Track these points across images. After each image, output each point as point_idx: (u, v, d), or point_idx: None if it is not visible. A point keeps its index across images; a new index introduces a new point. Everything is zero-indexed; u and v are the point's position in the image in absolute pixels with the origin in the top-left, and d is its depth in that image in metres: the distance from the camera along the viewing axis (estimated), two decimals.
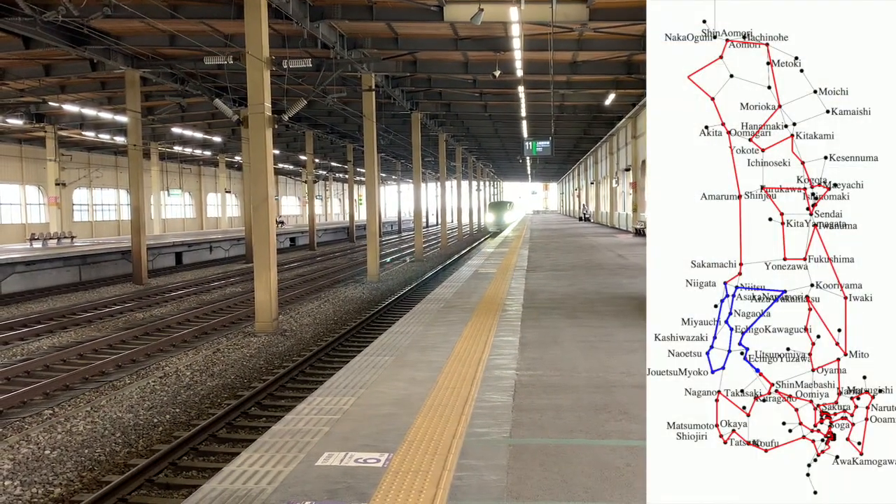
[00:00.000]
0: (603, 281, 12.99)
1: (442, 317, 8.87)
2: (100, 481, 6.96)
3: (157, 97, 27.85)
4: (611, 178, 44.69)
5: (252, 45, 13.58)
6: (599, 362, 6.43)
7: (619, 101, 29.08)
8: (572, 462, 3.99)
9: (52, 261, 23.09)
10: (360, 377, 5.88)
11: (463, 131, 41.99)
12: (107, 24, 16.78)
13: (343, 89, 23.24)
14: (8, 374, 10.96)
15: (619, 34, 18.56)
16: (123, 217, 46.78)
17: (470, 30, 18.29)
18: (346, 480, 3.71)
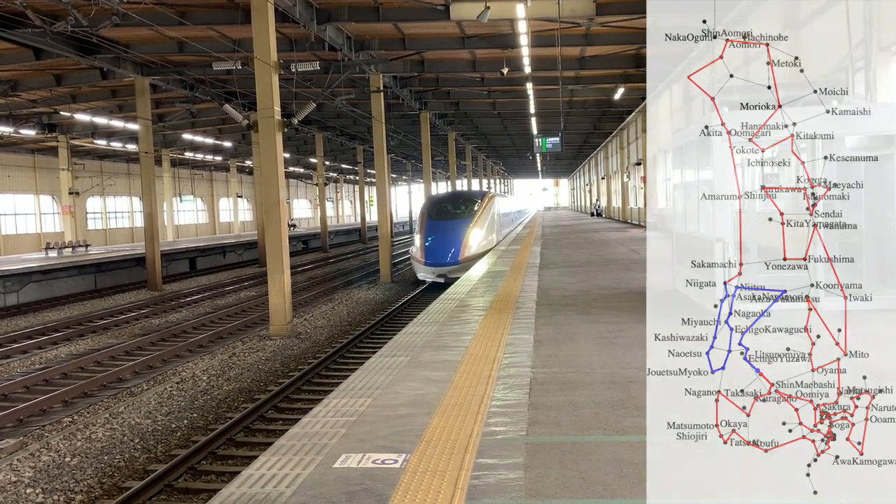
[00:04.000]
0: (616, 276, 12.93)
1: (456, 316, 8.86)
2: (120, 487, 7.01)
3: (167, 104, 28.02)
4: (622, 172, 44.53)
5: (260, 50, 13.62)
6: (615, 358, 6.39)
7: (628, 96, 28.95)
8: (590, 459, 3.97)
9: (68, 269, 23.27)
10: (376, 378, 5.88)
11: (472, 129, 41.95)
12: (116, 32, 16.89)
13: (351, 91, 23.27)
14: (27, 383, 11.06)
15: (626, 28, 18.47)
16: (137, 224, 47.07)
17: (477, 28, 18.27)
18: (364, 482, 3.71)
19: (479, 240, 21.33)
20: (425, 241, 20.89)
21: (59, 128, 30.72)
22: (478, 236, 21.43)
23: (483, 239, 21.58)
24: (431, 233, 21.22)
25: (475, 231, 21.37)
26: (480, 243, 21.21)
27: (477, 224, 21.53)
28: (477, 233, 21.39)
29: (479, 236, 21.44)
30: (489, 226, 22.69)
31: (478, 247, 20.92)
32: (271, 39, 13.70)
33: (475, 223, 21.50)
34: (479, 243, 21.14)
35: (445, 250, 20.57)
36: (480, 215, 21.98)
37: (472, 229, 21.24)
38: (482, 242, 21.44)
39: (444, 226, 21.64)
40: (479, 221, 21.70)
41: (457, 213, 22.37)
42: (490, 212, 23.02)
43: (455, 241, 20.78)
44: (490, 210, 23.16)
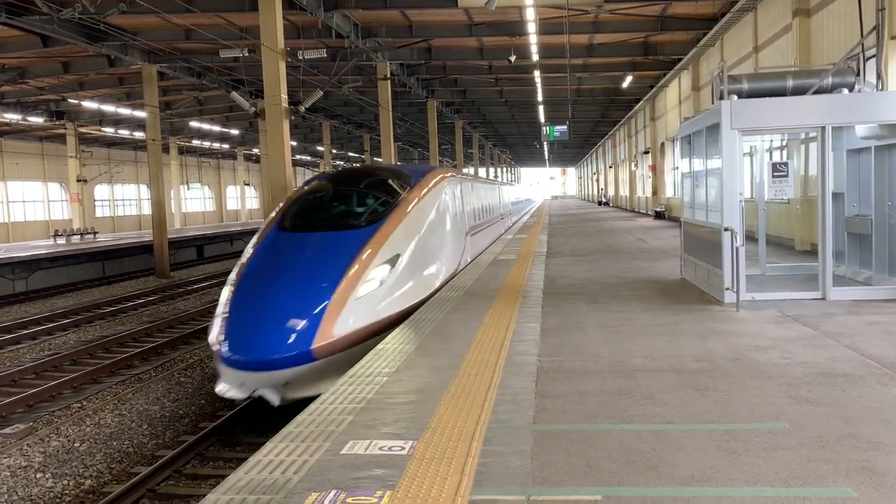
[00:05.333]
0: (624, 265, 12.91)
1: (462, 304, 8.86)
2: (129, 472, 7.06)
3: (174, 91, 28.03)
4: (629, 160, 44.34)
5: (267, 37, 13.60)
6: (622, 347, 6.39)
7: (636, 84, 28.81)
8: (597, 447, 3.97)
9: (76, 256, 23.39)
10: (383, 365, 5.90)
11: (479, 118, 41.83)
12: (123, 20, 16.90)
13: (358, 79, 23.23)
14: (36, 369, 11.14)
15: (635, 15, 18.36)
16: (144, 212, 47.26)
17: (484, 15, 18.18)
18: (371, 468, 3.73)
19: (396, 284, 8.70)
20: (243, 300, 7.95)
21: (66, 115, 30.80)
22: (391, 275, 8.65)
23: (410, 278, 9.03)
24: (266, 273, 8.37)
25: (381, 261, 8.64)
26: (397, 292, 8.67)
27: (391, 241, 8.98)
28: (387, 267, 8.63)
29: (395, 276, 8.68)
30: (434, 243, 10.57)
31: (389, 302, 8.44)
32: (278, 27, 13.68)
33: (384, 240, 8.91)
34: (391, 293, 8.55)
35: (283, 323, 7.47)
36: (406, 220, 9.60)
37: (375, 257, 8.60)
38: (404, 288, 8.87)
39: (300, 252, 8.73)
40: (400, 234, 9.27)
41: (345, 219, 9.73)
42: (439, 212, 11.08)
43: (314, 295, 7.84)
44: (440, 208, 11.18)
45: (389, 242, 8.81)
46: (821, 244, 8.29)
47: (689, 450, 3.88)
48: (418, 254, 9.48)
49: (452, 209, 12.21)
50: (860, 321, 7.08)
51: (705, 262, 9.22)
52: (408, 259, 9.03)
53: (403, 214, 9.55)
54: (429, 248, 10.13)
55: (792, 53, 15.27)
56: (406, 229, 9.37)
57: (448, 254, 11.23)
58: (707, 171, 9.52)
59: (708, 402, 4.72)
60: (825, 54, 13.83)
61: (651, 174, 35.27)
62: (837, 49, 12.97)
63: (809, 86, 8.51)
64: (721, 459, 3.73)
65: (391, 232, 9.01)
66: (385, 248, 8.68)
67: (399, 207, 9.63)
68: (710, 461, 3.72)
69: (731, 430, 4.15)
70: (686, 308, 8.23)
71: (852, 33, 11.53)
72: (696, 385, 5.11)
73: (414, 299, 8.93)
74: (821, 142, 8.18)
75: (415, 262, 9.26)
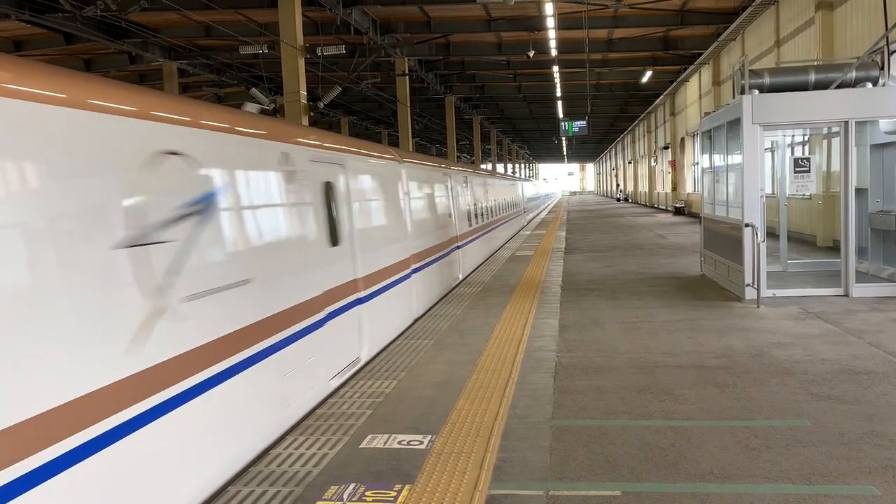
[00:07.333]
0: (642, 261, 12.84)
1: (480, 300, 8.87)
2: None
3: (194, 88, 28.22)
4: (649, 156, 44.05)
5: (286, 33, 13.65)
6: (641, 343, 6.36)
7: (656, 79, 28.59)
8: (616, 443, 3.97)
9: None
10: (401, 360, 5.92)
11: (497, 113, 41.71)
12: (144, 17, 17.03)
13: (377, 75, 23.25)
14: None
15: (655, 9, 18.21)
16: None
17: (503, 10, 18.11)
18: (390, 462, 3.75)
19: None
20: None
21: None
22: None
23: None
24: None
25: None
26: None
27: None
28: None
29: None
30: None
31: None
32: (297, 23, 13.72)
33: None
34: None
35: None
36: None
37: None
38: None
39: None
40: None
41: None
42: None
43: None
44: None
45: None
46: (843, 240, 8.19)
47: (709, 446, 3.87)
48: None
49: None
50: (883, 318, 7.00)
51: (725, 259, 9.15)
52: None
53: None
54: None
55: (814, 47, 15.08)
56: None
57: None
58: (728, 166, 9.44)
59: (728, 398, 4.69)
60: (848, 48, 13.64)
61: (671, 169, 35.01)
62: (861, 43, 12.79)
63: (832, 80, 8.41)
64: (741, 456, 3.71)
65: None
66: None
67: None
68: (731, 458, 3.70)
69: (752, 427, 4.13)
70: (706, 304, 8.18)
71: (876, 26, 11.37)
72: (715, 381, 5.08)
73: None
74: (844, 137, 8.08)
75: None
